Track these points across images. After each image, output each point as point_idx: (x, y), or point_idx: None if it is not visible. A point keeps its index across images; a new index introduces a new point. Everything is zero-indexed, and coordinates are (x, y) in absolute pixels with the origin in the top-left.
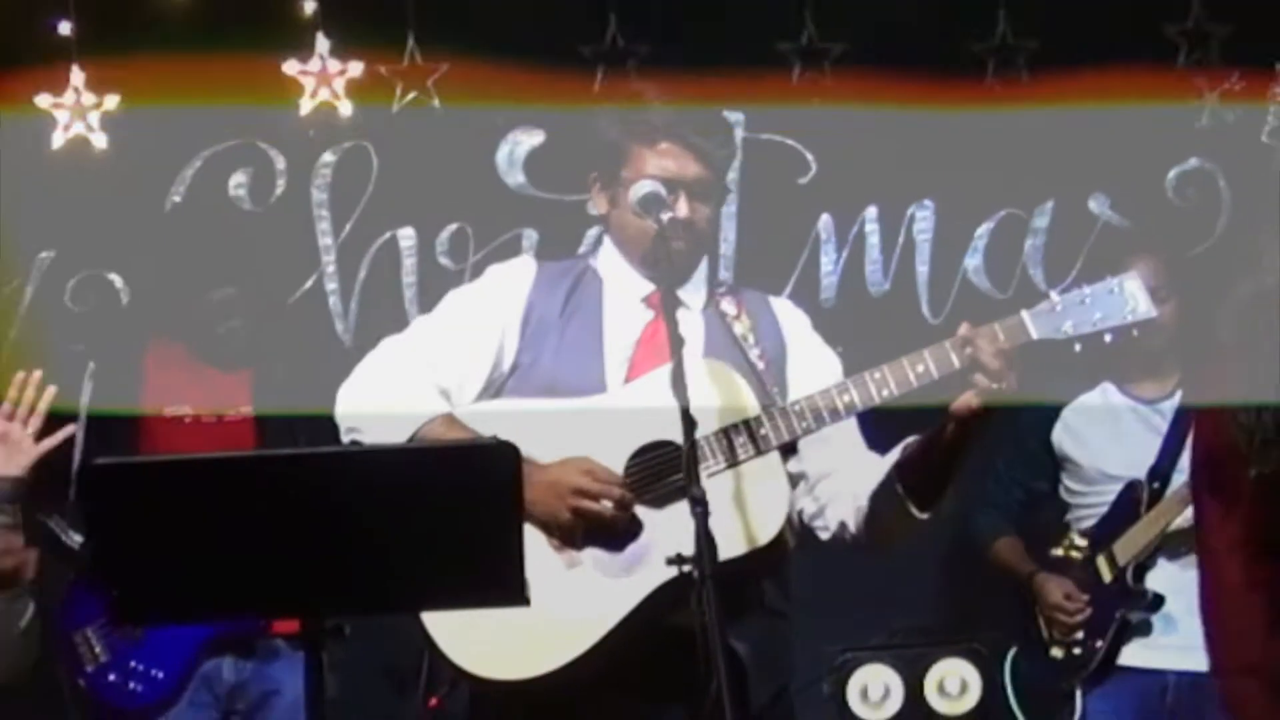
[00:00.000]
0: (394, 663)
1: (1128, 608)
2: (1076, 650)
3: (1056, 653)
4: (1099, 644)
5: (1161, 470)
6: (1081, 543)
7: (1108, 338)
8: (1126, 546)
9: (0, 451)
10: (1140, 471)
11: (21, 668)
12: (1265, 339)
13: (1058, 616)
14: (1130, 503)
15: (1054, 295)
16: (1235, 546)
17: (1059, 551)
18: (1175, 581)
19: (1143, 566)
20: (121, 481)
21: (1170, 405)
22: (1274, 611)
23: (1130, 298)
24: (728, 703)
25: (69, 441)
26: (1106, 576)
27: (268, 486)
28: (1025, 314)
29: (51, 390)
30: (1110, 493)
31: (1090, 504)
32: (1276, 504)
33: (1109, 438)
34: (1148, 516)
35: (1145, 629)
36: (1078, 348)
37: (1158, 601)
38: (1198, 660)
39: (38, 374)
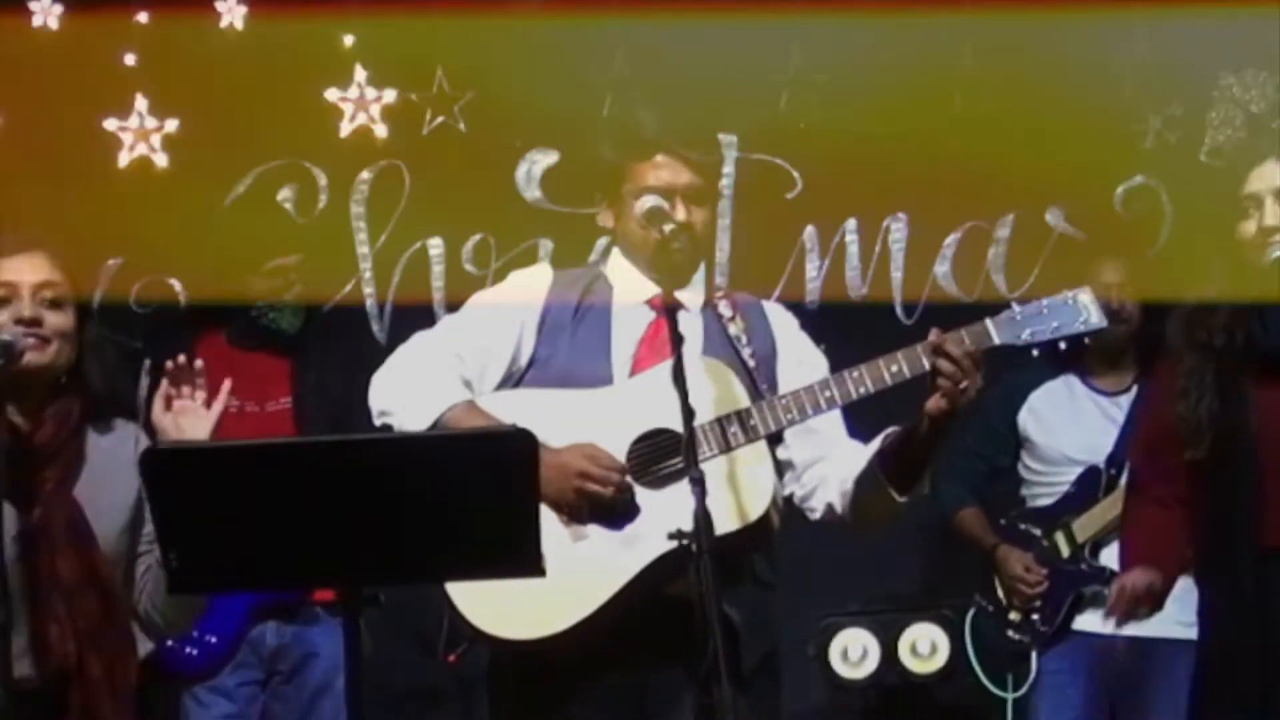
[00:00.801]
0: (421, 626)
1: (1084, 582)
2: (1034, 617)
3: (1015, 618)
4: (1054, 613)
5: (1119, 459)
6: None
7: (1062, 345)
8: (1085, 526)
9: (187, 421)
10: (1096, 456)
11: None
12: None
13: (1018, 587)
14: (1090, 486)
15: (1015, 305)
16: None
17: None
18: None
19: (1098, 544)
20: (179, 465)
21: (1128, 399)
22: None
23: (1084, 309)
24: (723, 663)
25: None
26: (1065, 552)
27: (310, 470)
28: (989, 322)
29: (200, 363)
30: (1066, 474)
31: (1048, 483)
32: (1209, 481)
33: (1070, 424)
34: (1106, 500)
35: (1102, 600)
36: (1035, 353)
37: (1112, 577)
38: (1146, 627)
39: (182, 356)
